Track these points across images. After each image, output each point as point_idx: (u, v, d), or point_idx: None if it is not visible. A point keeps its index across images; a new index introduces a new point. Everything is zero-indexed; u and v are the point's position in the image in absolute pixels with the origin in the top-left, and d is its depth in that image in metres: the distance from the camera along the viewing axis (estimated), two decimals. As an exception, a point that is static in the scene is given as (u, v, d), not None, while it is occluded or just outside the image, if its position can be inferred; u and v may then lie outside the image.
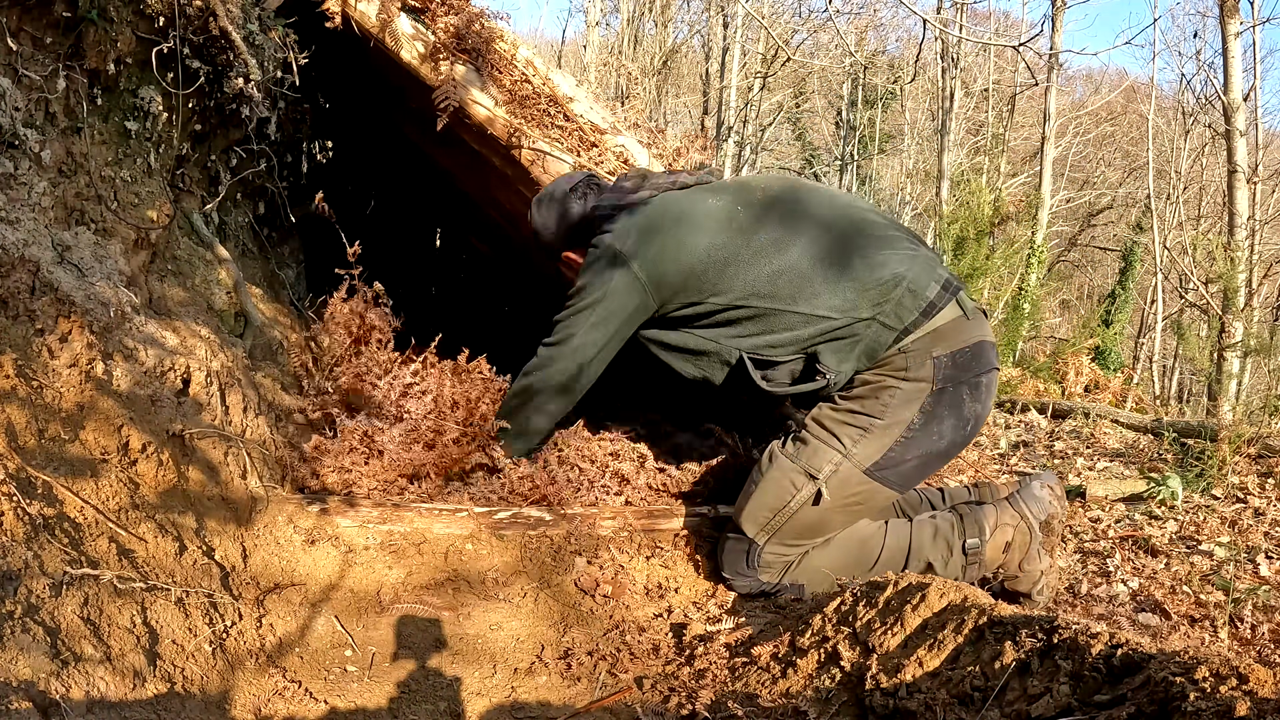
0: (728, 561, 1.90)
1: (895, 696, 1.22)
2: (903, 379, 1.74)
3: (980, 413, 1.82)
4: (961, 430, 1.79)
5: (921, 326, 1.74)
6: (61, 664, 1.13)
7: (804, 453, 1.79)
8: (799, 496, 1.79)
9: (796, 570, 1.85)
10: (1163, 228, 14.25)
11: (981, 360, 1.79)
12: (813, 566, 1.85)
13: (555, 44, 21.99)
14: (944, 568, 1.85)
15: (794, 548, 1.85)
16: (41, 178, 1.70)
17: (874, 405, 1.75)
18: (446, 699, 1.49)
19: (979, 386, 1.79)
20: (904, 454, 1.76)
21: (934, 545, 1.86)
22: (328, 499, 1.90)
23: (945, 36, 12.80)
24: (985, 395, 1.82)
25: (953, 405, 1.76)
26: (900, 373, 1.74)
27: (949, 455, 1.84)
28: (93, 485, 1.45)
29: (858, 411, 1.76)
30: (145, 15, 1.84)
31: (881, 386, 1.75)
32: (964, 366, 1.76)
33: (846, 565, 1.85)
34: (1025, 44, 3.09)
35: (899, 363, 1.74)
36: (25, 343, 1.52)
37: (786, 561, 1.85)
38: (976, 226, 3.53)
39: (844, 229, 1.82)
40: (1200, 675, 0.93)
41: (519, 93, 2.43)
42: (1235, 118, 7.48)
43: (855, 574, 1.83)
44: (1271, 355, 5.16)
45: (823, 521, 1.82)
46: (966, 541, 1.85)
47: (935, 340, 1.75)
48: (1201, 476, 3.03)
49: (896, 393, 1.73)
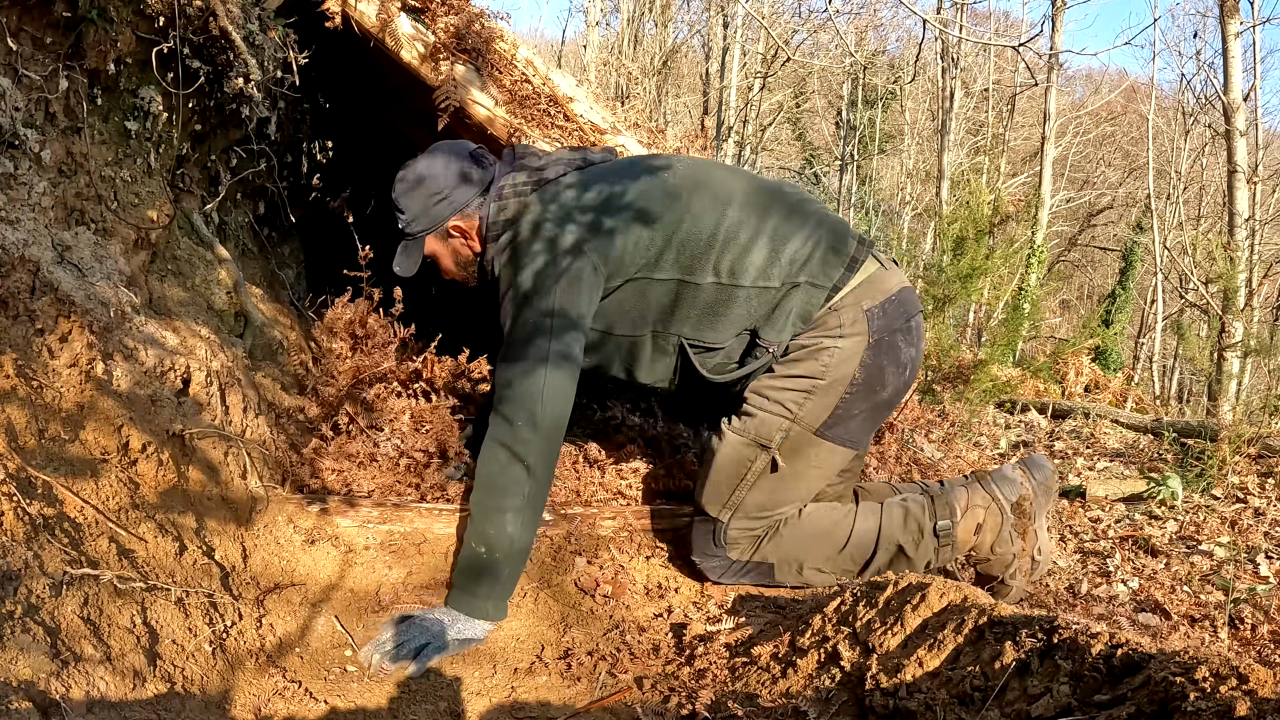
0: (697, 545, 1.89)
1: (895, 696, 1.22)
2: (839, 336, 1.74)
3: (915, 356, 1.83)
4: (901, 376, 1.80)
5: (849, 282, 1.76)
6: (61, 664, 1.13)
7: (751, 425, 1.78)
8: (754, 468, 1.78)
9: (766, 547, 1.84)
10: (1163, 228, 14.25)
11: (908, 305, 1.81)
12: (782, 546, 1.85)
13: (555, 44, 22.01)
14: (915, 550, 1.85)
15: (760, 520, 1.83)
16: (41, 178, 1.70)
17: (814, 366, 1.74)
18: (446, 699, 1.49)
19: (910, 331, 1.81)
20: (850, 409, 1.76)
21: (904, 528, 1.86)
22: (328, 499, 1.90)
23: (945, 36, 12.80)
24: (917, 339, 1.84)
25: (890, 354, 1.77)
26: (835, 330, 1.74)
27: (893, 404, 1.86)
28: (93, 485, 1.45)
29: (799, 375, 1.75)
30: (145, 15, 1.84)
31: (819, 348, 1.74)
32: (894, 314, 1.77)
33: (815, 546, 1.85)
34: (1025, 44, 3.09)
35: (832, 321, 1.75)
36: (25, 343, 1.52)
37: (754, 536, 1.84)
38: (976, 226, 3.53)
39: (762, 199, 1.80)
40: (1200, 675, 0.93)
41: (519, 93, 2.43)
42: (1235, 118, 7.48)
43: (824, 555, 1.86)
44: (1271, 355, 5.17)
45: (784, 489, 1.81)
46: (938, 524, 1.85)
47: (863, 293, 1.76)
48: (1201, 476, 3.03)
49: (835, 351, 1.73)
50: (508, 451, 1.64)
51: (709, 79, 16.87)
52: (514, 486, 1.64)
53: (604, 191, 1.77)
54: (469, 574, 1.66)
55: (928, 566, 1.87)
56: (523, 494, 1.64)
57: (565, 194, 1.78)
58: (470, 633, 1.63)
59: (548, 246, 1.72)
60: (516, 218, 1.78)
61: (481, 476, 1.67)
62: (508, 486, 1.64)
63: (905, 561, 1.86)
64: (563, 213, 1.75)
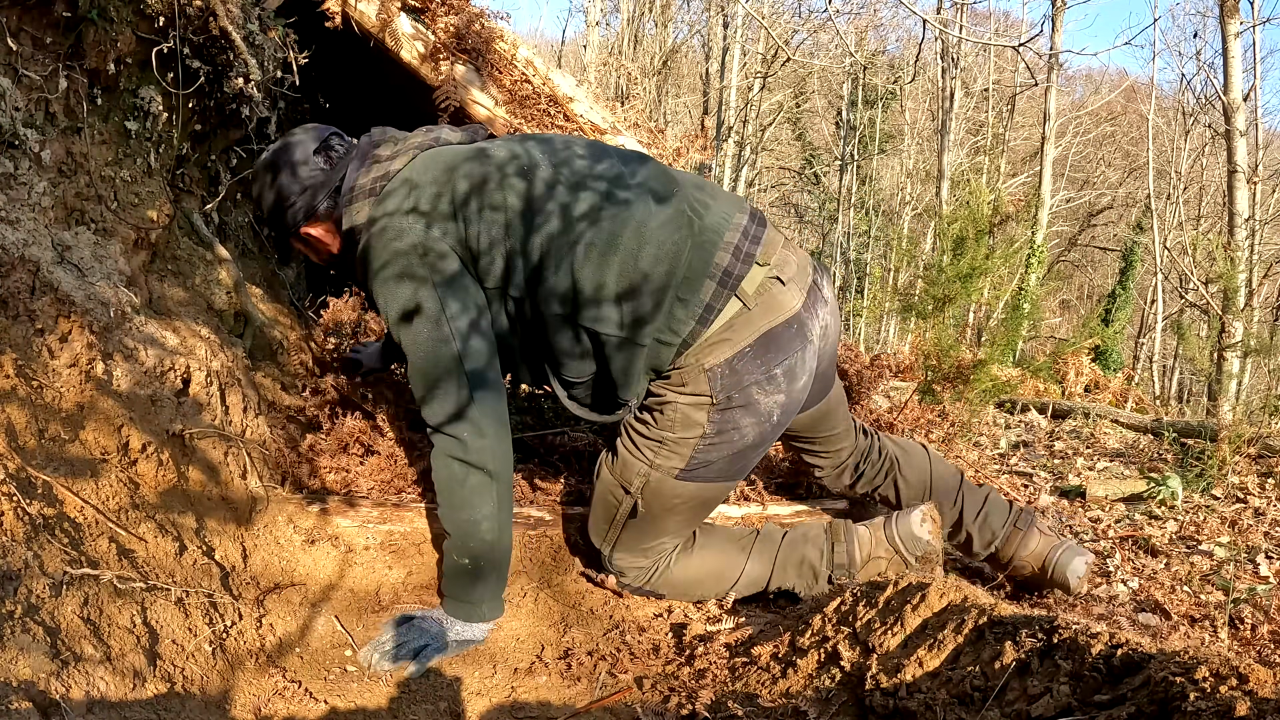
0: (595, 561, 1.87)
1: (895, 696, 1.22)
2: (680, 393, 1.62)
3: (784, 401, 1.65)
4: (767, 423, 1.65)
5: (700, 336, 1.58)
6: (61, 664, 1.13)
7: (617, 465, 1.71)
8: (621, 509, 1.72)
9: (657, 581, 1.80)
10: (1163, 228, 14.25)
11: (775, 351, 1.61)
12: (672, 582, 1.82)
13: (555, 44, 22.01)
14: (807, 591, 1.83)
15: (644, 556, 1.78)
16: (41, 178, 1.70)
17: (663, 420, 1.64)
18: (446, 699, 1.49)
19: (774, 379, 1.61)
20: (708, 457, 1.65)
21: (799, 573, 1.84)
22: (328, 499, 1.90)
23: (945, 36, 12.81)
24: (787, 381, 1.64)
25: (745, 407, 1.61)
26: (679, 388, 1.62)
27: (764, 444, 1.71)
28: (93, 485, 1.45)
29: (651, 424, 1.66)
30: (145, 15, 1.84)
31: (664, 401, 1.63)
32: (748, 369, 1.59)
33: (705, 584, 1.83)
34: (1025, 44, 3.09)
35: (676, 379, 1.62)
36: (25, 343, 1.52)
37: (641, 568, 1.79)
38: (976, 226, 3.53)
39: (611, 215, 1.58)
40: (1200, 675, 0.93)
41: (519, 93, 2.43)
42: (1235, 118, 7.49)
43: (714, 593, 1.84)
44: (1271, 355, 5.17)
45: (654, 528, 1.74)
46: (834, 571, 1.84)
47: (711, 349, 1.59)
48: (1201, 476, 3.04)
49: (679, 408, 1.61)
50: (463, 464, 1.57)
51: (709, 79, 16.88)
52: (479, 496, 1.58)
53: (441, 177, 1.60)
54: (458, 584, 1.64)
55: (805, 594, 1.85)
56: (491, 499, 1.59)
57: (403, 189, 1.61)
58: (470, 634, 1.63)
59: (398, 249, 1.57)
60: (367, 222, 1.62)
61: (445, 494, 1.60)
62: (471, 498, 1.58)
63: (791, 590, 1.85)
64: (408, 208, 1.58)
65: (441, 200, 1.58)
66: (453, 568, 1.64)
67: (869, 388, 2.81)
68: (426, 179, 1.60)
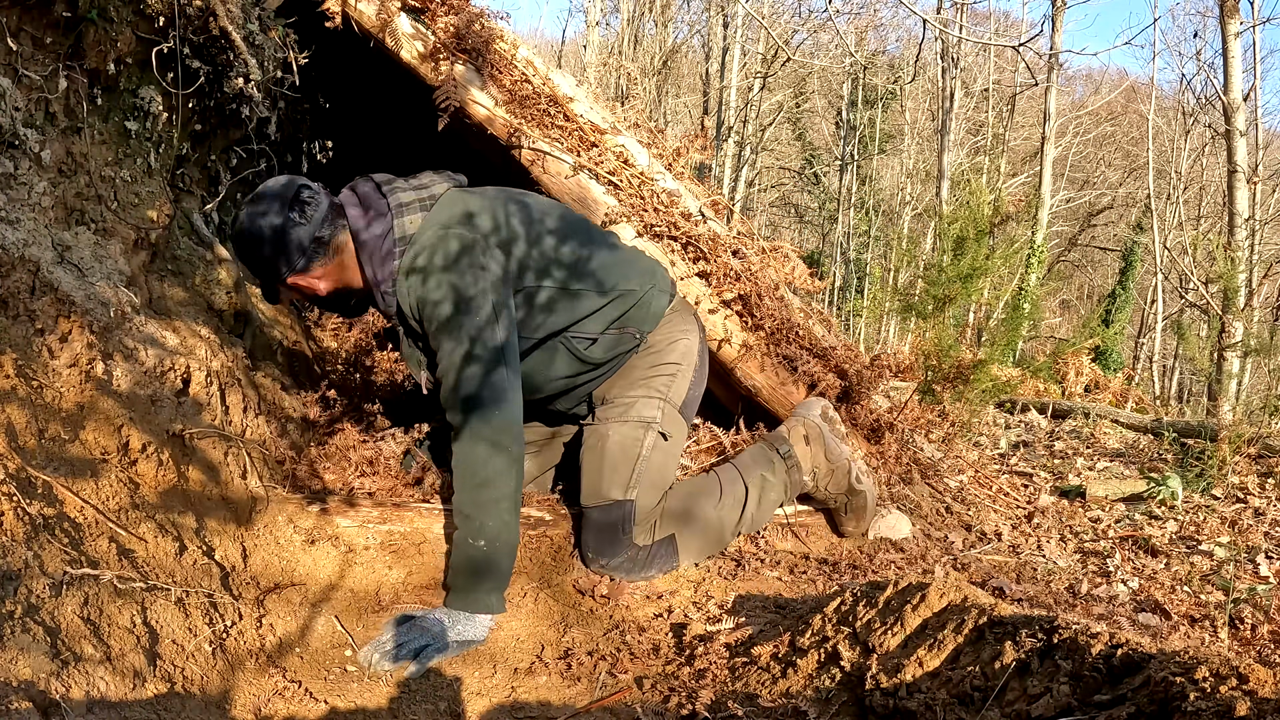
0: (597, 546, 1.92)
1: (895, 696, 1.22)
2: (685, 332, 2.07)
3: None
4: (706, 367, 2.14)
5: (676, 289, 2.16)
6: (61, 664, 1.13)
7: (630, 412, 1.98)
8: (647, 443, 1.96)
9: (660, 526, 1.97)
10: (1163, 228, 14.25)
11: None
12: (672, 512, 1.99)
13: (555, 44, 22.01)
14: (774, 474, 2.12)
15: (655, 497, 1.98)
16: (41, 178, 1.70)
17: (672, 353, 2.03)
18: (446, 699, 1.49)
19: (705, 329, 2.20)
20: (695, 391, 2.08)
21: (756, 462, 2.14)
22: (328, 499, 1.90)
23: (945, 36, 12.80)
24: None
25: (703, 347, 2.12)
26: (684, 327, 2.07)
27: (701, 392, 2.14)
28: (93, 485, 1.45)
29: (661, 363, 2.03)
30: (145, 15, 1.84)
31: (670, 340, 2.04)
32: (700, 315, 2.17)
33: (697, 500, 2.03)
34: (1025, 44, 3.09)
35: (677, 319, 2.07)
36: (25, 343, 1.52)
37: (652, 519, 1.97)
38: (976, 226, 3.53)
39: (591, 229, 2.05)
40: (1200, 675, 0.93)
41: (519, 93, 2.43)
42: (1235, 118, 7.49)
43: (710, 503, 2.05)
44: (1271, 355, 5.17)
45: (669, 463, 2.02)
46: (779, 449, 2.15)
47: (685, 300, 2.19)
48: (1201, 476, 3.04)
49: (682, 342, 2.05)
50: (490, 445, 1.69)
51: (709, 79, 16.87)
52: (504, 476, 1.70)
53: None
54: (469, 573, 1.67)
55: (787, 492, 2.14)
56: (513, 480, 1.71)
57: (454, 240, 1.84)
58: (471, 634, 1.63)
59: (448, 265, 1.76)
60: (413, 247, 1.81)
61: (469, 473, 1.70)
62: (496, 478, 1.69)
63: (770, 488, 2.11)
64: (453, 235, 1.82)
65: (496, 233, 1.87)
66: (466, 555, 1.68)
67: (869, 388, 2.81)
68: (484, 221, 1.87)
